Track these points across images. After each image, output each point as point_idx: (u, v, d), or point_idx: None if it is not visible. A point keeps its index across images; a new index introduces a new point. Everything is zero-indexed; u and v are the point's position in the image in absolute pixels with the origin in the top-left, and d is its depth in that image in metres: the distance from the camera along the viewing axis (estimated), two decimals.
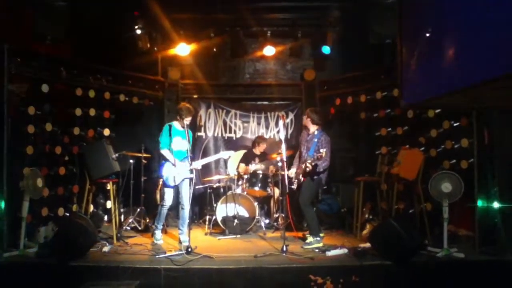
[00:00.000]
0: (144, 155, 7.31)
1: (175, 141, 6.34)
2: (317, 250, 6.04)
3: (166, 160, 6.32)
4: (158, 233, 6.53)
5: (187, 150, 6.34)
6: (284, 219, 7.00)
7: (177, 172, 6.27)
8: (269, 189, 7.74)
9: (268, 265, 5.25)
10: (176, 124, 6.42)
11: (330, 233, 7.33)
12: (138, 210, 7.45)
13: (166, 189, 6.35)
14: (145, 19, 7.79)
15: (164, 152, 6.31)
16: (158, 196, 7.60)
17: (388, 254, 5.38)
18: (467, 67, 2.48)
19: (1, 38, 5.78)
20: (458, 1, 2.59)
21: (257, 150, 8.26)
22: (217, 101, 9.12)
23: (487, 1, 2.25)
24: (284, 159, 6.21)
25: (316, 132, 6.49)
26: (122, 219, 7.40)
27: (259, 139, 8.35)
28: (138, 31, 7.81)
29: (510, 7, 2.02)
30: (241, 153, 8.67)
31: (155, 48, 8.35)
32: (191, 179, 6.31)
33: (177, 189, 6.42)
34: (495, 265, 5.38)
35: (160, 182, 7.09)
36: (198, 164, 6.49)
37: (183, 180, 6.34)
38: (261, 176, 7.66)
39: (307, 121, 6.51)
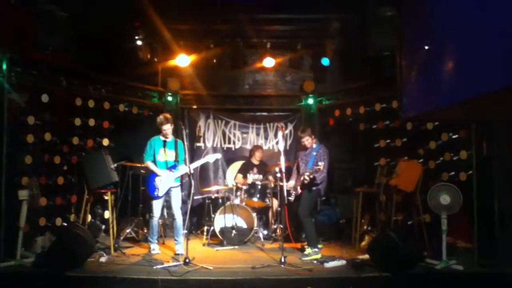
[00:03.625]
0: (143, 165, 7.29)
1: (160, 152, 6.41)
2: (315, 262, 6.01)
3: (150, 172, 6.40)
4: (154, 245, 6.53)
5: (175, 160, 6.40)
6: (283, 230, 6.98)
7: (161, 183, 6.32)
8: (267, 200, 7.73)
9: (266, 277, 5.21)
10: (160, 136, 6.49)
11: (328, 244, 7.30)
12: (136, 220, 7.42)
13: (153, 201, 6.41)
14: (146, 29, 7.82)
15: (147, 164, 6.47)
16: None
17: (387, 266, 5.36)
18: (466, 80, 2.50)
19: (2, 48, 5.80)
20: (457, 15, 2.62)
21: (255, 160, 8.28)
22: (217, 112, 9.14)
23: (487, 14, 2.27)
24: (283, 170, 6.22)
25: (314, 146, 6.54)
26: (120, 230, 7.36)
27: (255, 148, 8.40)
28: (139, 42, 7.84)
29: (507, 24, 2.04)
30: (239, 164, 8.68)
31: (155, 59, 8.38)
32: (178, 188, 6.47)
33: (168, 201, 6.47)
34: (494, 277, 5.35)
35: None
36: (187, 168, 6.44)
37: (169, 190, 6.37)
38: (259, 187, 7.64)
39: (308, 141, 6.52)
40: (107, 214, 7.40)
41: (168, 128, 6.38)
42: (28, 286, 5.20)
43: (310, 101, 9.03)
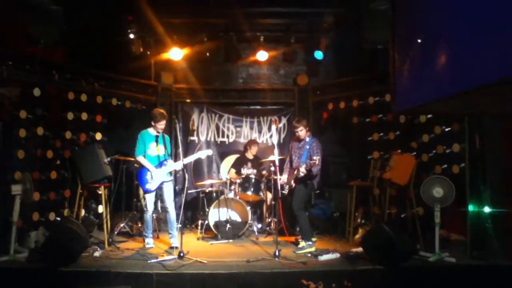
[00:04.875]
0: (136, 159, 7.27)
1: (151, 147, 6.39)
2: (309, 255, 6.03)
3: (142, 167, 6.39)
4: (149, 240, 6.53)
5: (165, 154, 6.40)
6: (277, 223, 7.00)
7: (153, 177, 6.31)
8: (261, 194, 7.74)
9: (260, 270, 5.23)
10: (150, 131, 6.47)
11: (322, 237, 7.33)
12: (130, 214, 7.41)
13: (146, 195, 6.40)
14: (139, 23, 7.78)
15: (139, 159, 6.41)
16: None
17: (380, 259, 5.39)
18: (459, 73, 2.50)
19: None
20: (450, 8, 2.61)
21: (249, 154, 8.28)
22: (210, 106, 9.11)
23: (480, 7, 2.26)
24: (277, 163, 6.23)
25: (307, 139, 6.54)
26: (114, 224, 7.34)
27: (251, 143, 8.38)
28: (132, 35, 7.80)
29: (503, 14, 2.04)
30: (233, 157, 8.68)
31: (148, 53, 8.35)
32: (171, 182, 6.46)
33: (161, 195, 6.47)
34: (486, 269, 5.40)
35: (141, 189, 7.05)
36: (179, 164, 6.38)
37: (162, 184, 6.37)
38: (253, 180, 7.65)
39: (303, 132, 6.51)
40: (100, 209, 7.39)
41: (163, 124, 6.38)
42: (22, 281, 5.18)
43: (304, 94, 9.02)
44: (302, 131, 6.51)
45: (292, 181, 6.49)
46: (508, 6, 2.02)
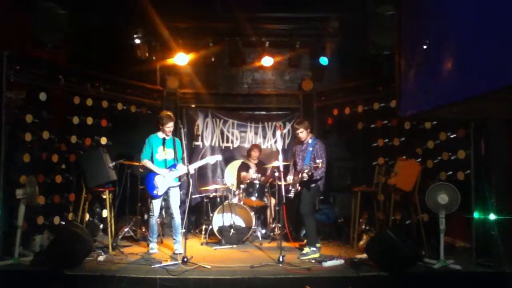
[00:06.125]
0: (141, 163, 7.28)
1: (159, 151, 6.39)
2: (313, 261, 6.01)
3: (149, 171, 6.37)
4: (153, 244, 6.52)
5: (174, 158, 6.38)
6: (281, 229, 6.98)
7: (160, 182, 6.30)
8: (265, 199, 7.73)
9: (264, 276, 5.22)
10: (159, 134, 6.47)
11: (327, 243, 7.30)
12: (134, 219, 7.42)
13: (153, 201, 6.41)
14: (144, 28, 7.82)
15: (144, 163, 6.43)
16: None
17: (385, 265, 5.37)
18: (465, 78, 2.49)
19: (0, 45, 5.78)
20: (457, 14, 2.60)
21: (252, 159, 8.29)
22: (215, 111, 9.12)
23: (486, 13, 2.26)
24: (281, 169, 6.22)
25: (310, 141, 6.52)
26: (118, 228, 7.35)
27: (252, 147, 8.42)
28: (137, 40, 7.83)
29: (508, 19, 2.03)
30: (237, 163, 8.68)
31: (154, 57, 8.38)
32: (177, 187, 6.48)
33: (166, 200, 6.46)
34: (491, 276, 5.37)
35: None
36: (186, 169, 6.37)
37: (168, 189, 6.36)
38: (258, 185, 7.63)
39: (303, 133, 6.50)
40: (105, 213, 7.39)
41: (171, 126, 6.38)
42: (26, 285, 5.19)
43: (309, 99, 9.02)
44: (302, 133, 6.50)
45: (298, 184, 6.47)
46: None
